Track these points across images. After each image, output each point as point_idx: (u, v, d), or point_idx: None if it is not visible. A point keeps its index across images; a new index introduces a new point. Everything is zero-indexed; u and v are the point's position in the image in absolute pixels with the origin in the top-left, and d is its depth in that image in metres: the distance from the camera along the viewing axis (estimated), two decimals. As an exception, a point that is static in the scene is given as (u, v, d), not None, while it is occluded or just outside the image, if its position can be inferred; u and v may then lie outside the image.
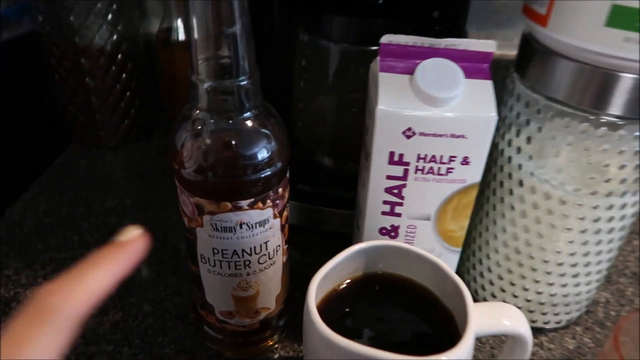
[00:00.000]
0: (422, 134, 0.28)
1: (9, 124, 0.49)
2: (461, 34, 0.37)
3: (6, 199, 0.48)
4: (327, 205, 0.44)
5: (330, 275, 0.26)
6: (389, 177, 0.30)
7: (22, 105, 0.51)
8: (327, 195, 0.44)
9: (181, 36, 0.52)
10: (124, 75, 0.53)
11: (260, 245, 0.29)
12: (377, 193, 0.31)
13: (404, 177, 0.30)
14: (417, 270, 0.28)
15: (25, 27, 0.50)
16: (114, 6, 0.50)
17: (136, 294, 0.39)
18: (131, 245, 0.20)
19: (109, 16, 0.50)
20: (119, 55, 0.52)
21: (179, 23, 0.53)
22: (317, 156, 0.45)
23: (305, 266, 0.43)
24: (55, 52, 0.51)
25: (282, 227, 0.30)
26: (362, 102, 0.34)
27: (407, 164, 0.29)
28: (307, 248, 0.45)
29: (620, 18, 0.25)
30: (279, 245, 0.30)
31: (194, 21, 0.24)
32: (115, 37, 0.51)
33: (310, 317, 0.23)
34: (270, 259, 0.30)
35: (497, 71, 0.64)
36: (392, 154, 0.29)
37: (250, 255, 0.29)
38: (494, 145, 0.35)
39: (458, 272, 0.41)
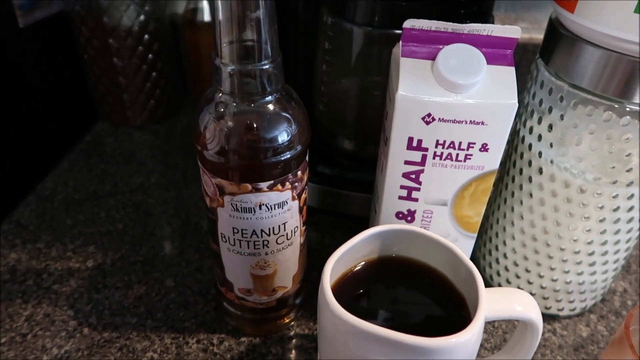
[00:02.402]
0: (441, 120, 0.28)
1: (40, 102, 0.50)
2: (487, 17, 0.36)
3: (38, 174, 0.50)
4: (346, 188, 0.44)
5: (345, 257, 0.27)
6: (407, 162, 0.30)
7: (53, 84, 0.52)
8: (347, 178, 0.45)
9: (207, 17, 0.53)
10: (150, 55, 0.54)
11: (279, 226, 0.30)
12: (395, 178, 0.31)
13: (422, 162, 0.30)
14: (432, 255, 0.29)
15: (57, 7, 0.51)
16: (141, -14, 0.51)
17: (159, 269, 0.40)
18: None
19: (136, -4, 0.51)
20: (146, 36, 0.53)
21: (205, 4, 0.53)
22: (337, 139, 0.45)
23: (324, 247, 0.43)
24: (84, 32, 0.52)
25: (300, 209, 0.31)
26: (384, 85, 0.34)
27: (426, 149, 0.29)
28: (325, 229, 0.45)
29: (649, 5, 0.24)
30: (297, 227, 0.31)
31: (219, 4, 0.24)
32: (142, 17, 0.52)
33: (325, 297, 0.24)
34: (288, 239, 0.31)
35: (523, 55, 0.64)
36: (410, 139, 0.29)
37: (269, 235, 0.30)
38: (515, 132, 0.35)
39: (474, 257, 0.41)
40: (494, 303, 0.26)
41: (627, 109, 0.28)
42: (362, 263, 0.30)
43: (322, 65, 0.43)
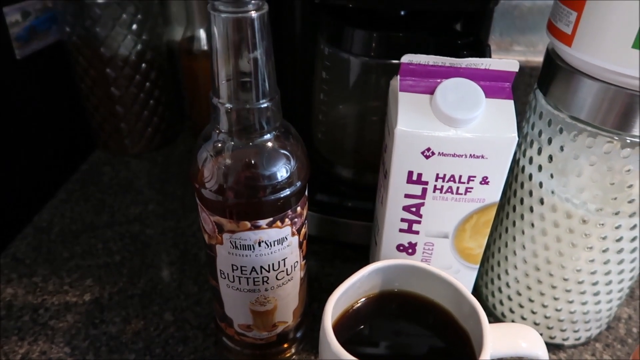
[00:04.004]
0: (441, 154, 0.28)
1: (37, 132, 0.50)
2: (483, 47, 0.36)
3: (35, 205, 0.49)
4: (346, 217, 0.44)
5: (346, 294, 0.27)
6: (407, 196, 0.30)
7: (50, 113, 0.52)
8: (346, 207, 0.45)
9: (204, 45, 0.53)
10: (147, 83, 0.54)
11: (279, 262, 0.29)
12: (395, 211, 0.31)
13: (422, 196, 0.30)
14: (434, 290, 0.28)
15: (53, 37, 0.52)
16: (139, 16, 0.51)
17: (158, 302, 0.39)
18: None
19: (134, 26, 0.51)
20: (143, 65, 0.53)
21: (202, 32, 0.53)
22: (336, 167, 0.45)
23: (324, 276, 0.43)
24: (81, 62, 0.52)
25: (300, 244, 0.30)
26: (382, 114, 0.34)
27: (426, 183, 0.29)
28: (325, 258, 0.45)
29: (646, 40, 0.24)
30: (297, 262, 0.31)
31: (217, 44, 0.24)
32: (139, 46, 0.52)
33: (326, 338, 0.24)
34: (288, 274, 0.30)
35: (519, 77, 0.64)
36: (410, 173, 0.29)
37: (269, 271, 0.29)
38: (515, 162, 0.35)
39: (476, 285, 0.41)
40: (499, 340, 0.26)
41: (628, 141, 0.28)
42: (364, 299, 0.29)
43: (319, 94, 0.43)
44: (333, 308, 0.25)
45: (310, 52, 0.42)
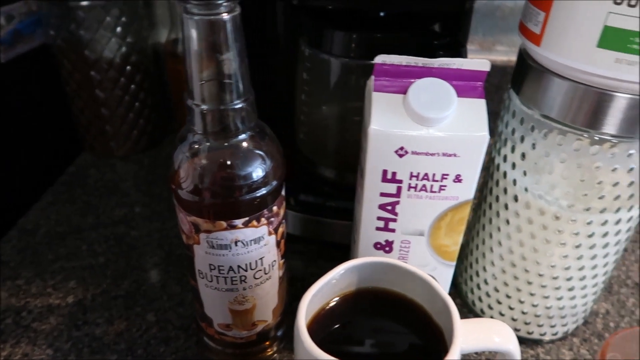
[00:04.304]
0: (414, 152, 0.29)
1: (23, 134, 0.50)
2: (459, 48, 0.37)
3: (21, 208, 0.49)
4: (329, 216, 0.44)
5: (321, 292, 0.27)
6: (382, 194, 0.30)
7: (35, 116, 0.52)
8: (330, 206, 0.45)
9: (188, 47, 0.53)
10: (132, 86, 0.55)
11: (256, 261, 0.30)
12: (371, 209, 0.31)
13: (397, 194, 0.30)
14: (409, 287, 0.29)
15: (38, 41, 0.52)
16: (123, 18, 0.51)
17: (141, 304, 0.40)
18: None
19: (118, 29, 0.51)
20: (128, 67, 0.53)
21: (186, 34, 0.54)
22: (318, 167, 0.46)
23: (308, 276, 0.43)
24: (66, 65, 0.52)
25: (278, 243, 0.31)
26: (362, 114, 0.34)
27: (400, 181, 0.30)
28: (310, 258, 0.45)
29: (611, 39, 0.25)
30: (275, 261, 0.31)
31: (189, 48, 0.25)
32: (124, 49, 0.52)
33: (300, 337, 0.24)
34: (266, 274, 0.31)
35: (503, 77, 0.64)
36: (385, 172, 0.29)
37: (246, 270, 0.30)
38: (491, 160, 0.35)
39: (457, 282, 0.41)
40: (471, 335, 0.26)
41: (596, 138, 0.28)
42: (339, 297, 0.29)
43: (301, 95, 0.43)
44: (307, 307, 0.26)
45: (292, 54, 0.43)
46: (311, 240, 0.46)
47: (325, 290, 0.28)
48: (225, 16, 0.24)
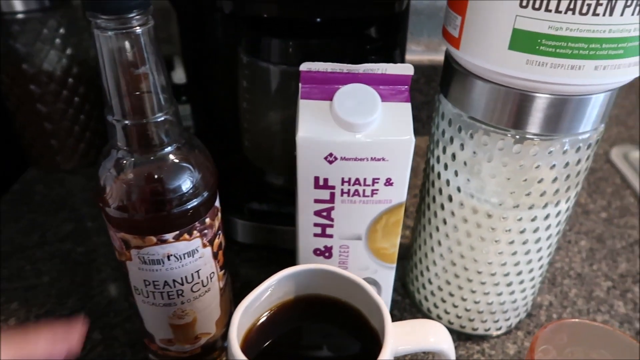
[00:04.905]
0: (343, 158, 0.29)
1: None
2: (392, 51, 0.37)
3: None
4: (280, 223, 0.44)
5: (256, 304, 0.27)
6: (316, 201, 0.31)
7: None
8: (279, 213, 0.45)
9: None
10: (76, 98, 0.53)
11: (192, 274, 0.29)
12: (308, 216, 0.31)
13: (331, 200, 0.30)
14: (345, 291, 0.29)
15: (-26, 56, 0.50)
16: (61, 30, 0.50)
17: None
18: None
19: (57, 40, 0.50)
20: (70, 79, 0.52)
21: (129, 44, 0.53)
22: (266, 175, 0.46)
23: (261, 282, 0.43)
24: (5, 80, 0.51)
25: (215, 255, 0.31)
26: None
27: (333, 187, 0.30)
28: (262, 265, 0.45)
29: (521, 41, 0.25)
30: (213, 272, 0.31)
31: (104, 64, 0.24)
32: (64, 61, 0.51)
33: (233, 353, 0.24)
34: (204, 286, 0.31)
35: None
36: (317, 178, 0.30)
37: (182, 284, 0.29)
38: (427, 161, 0.36)
39: (405, 282, 0.42)
40: (407, 336, 0.27)
41: (518, 137, 0.29)
42: (278, 306, 0.29)
43: (242, 103, 0.43)
44: (239, 321, 0.25)
45: (233, 62, 0.43)
46: (263, 247, 0.46)
47: (260, 301, 0.28)
48: (138, 30, 0.24)
